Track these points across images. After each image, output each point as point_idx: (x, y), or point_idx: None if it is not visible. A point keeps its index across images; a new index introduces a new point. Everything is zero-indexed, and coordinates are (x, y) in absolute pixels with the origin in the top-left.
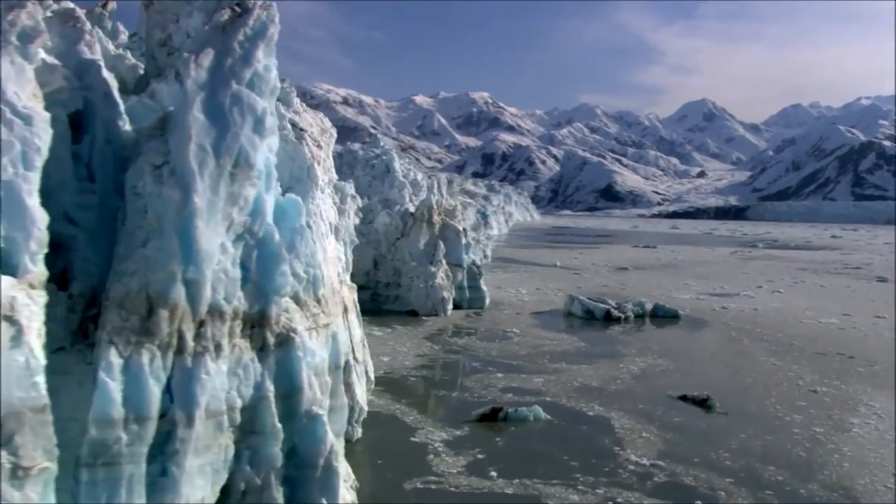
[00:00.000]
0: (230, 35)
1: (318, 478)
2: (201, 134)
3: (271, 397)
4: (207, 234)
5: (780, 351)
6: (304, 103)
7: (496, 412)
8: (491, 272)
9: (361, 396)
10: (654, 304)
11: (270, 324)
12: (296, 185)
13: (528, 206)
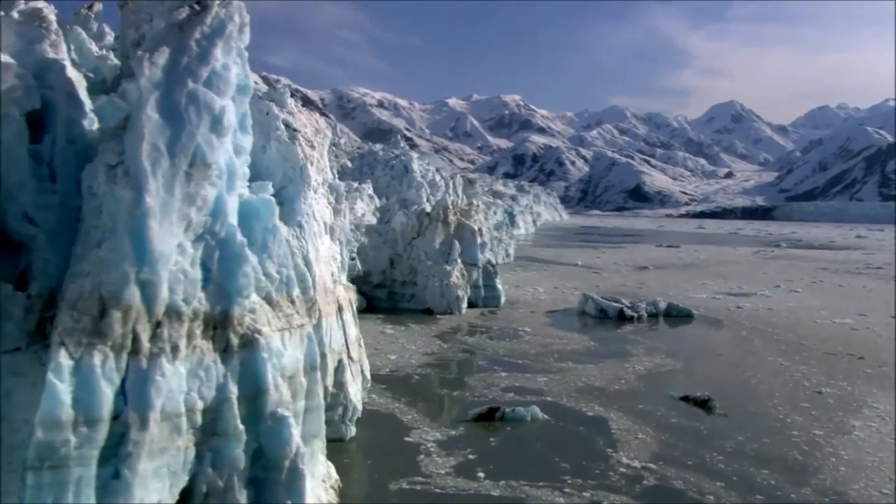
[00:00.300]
0: (187, 33)
1: (284, 480)
2: (155, 133)
3: (234, 399)
4: (162, 235)
5: (790, 351)
6: (300, 105)
7: (493, 412)
8: (512, 271)
9: (355, 396)
10: (668, 304)
11: (233, 325)
12: (289, 185)
13: (557, 206)
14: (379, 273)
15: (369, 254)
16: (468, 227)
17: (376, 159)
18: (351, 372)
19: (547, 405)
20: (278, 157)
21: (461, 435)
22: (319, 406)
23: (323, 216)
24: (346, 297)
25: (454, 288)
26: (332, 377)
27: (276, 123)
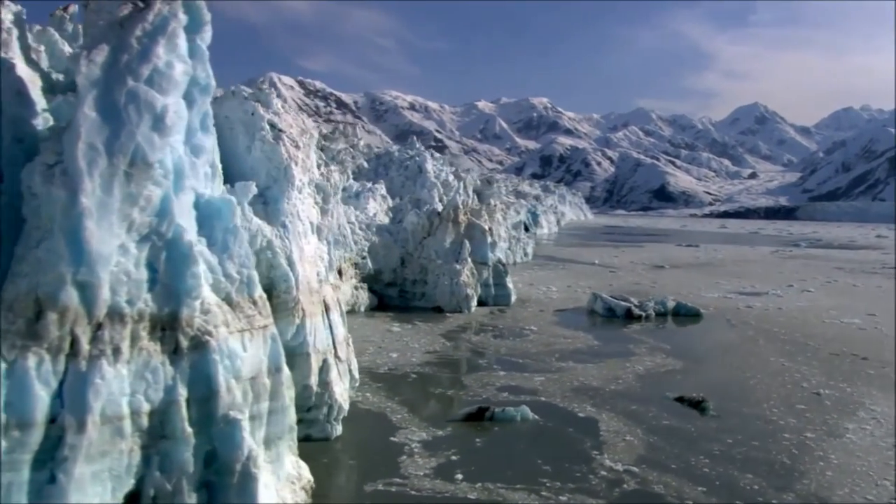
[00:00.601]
0: (128, 30)
1: (236, 483)
2: (92, 132)
3: (183, 401)
4: (100, 235)
5: (794, 351)
6: (286, 103)
7: (483, 412)
8: (528, 269)
9: (341, 395)
10: (677, 303)
11: (182, 326)
12: (273, 185)
13: (582, 205)
14: (390, 272)
15: (380, 253)
16: (478, 227)
17: (392, 160)
18: (338, 371)
19: (540, 405)
20: (263, 158)
21: (448, 435)
22: (285, 407)
23: (309, 216)
24: (334, 296)
25: (464, 286)
26: (317, 377)
27: (261, 124)
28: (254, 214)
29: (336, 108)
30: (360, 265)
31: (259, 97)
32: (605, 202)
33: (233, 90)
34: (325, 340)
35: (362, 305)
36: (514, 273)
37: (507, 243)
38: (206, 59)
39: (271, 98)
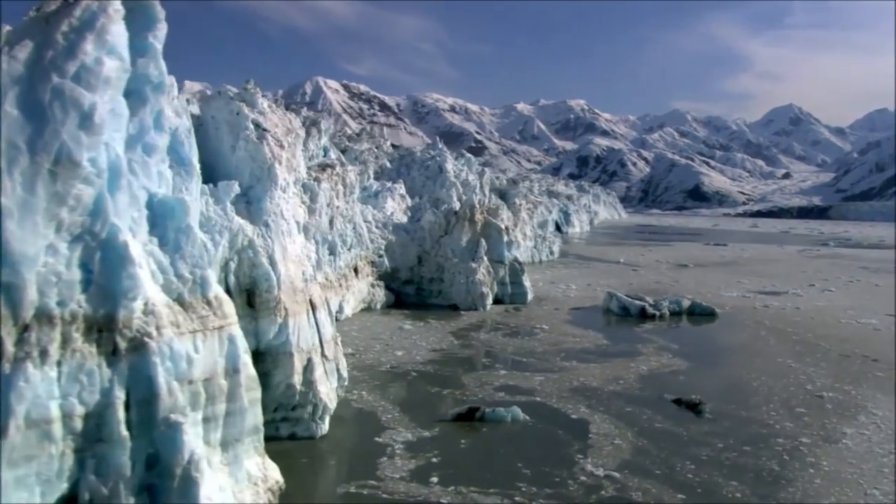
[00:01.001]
0: (53, 26)
1: (177, 487)
2: (13, 130)
3: (119, 404)
4: (22, 235)
5: (803, 352)
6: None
7: (473, 412)
8: (552, 268)
9: (327, 394)
10: (692, 302)
11: (119, 327)
12: (256, 184)
13: (616, 205)
14: (407, 270)
15: (396, 251)
16: (495, 226)
17: (413, 160)
18: (325, 370)
19: (534, 405)
20: (246, 157)
21: (434, 436)
22: (244, 409)
23: (295, 215)
24: (322, 295)
25: (479, 285)
26: (301, 376)
27: (246, 123)
28: (237, 213)
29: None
30: (376, 263)
31: (244, 97)
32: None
33: (219, 91)
34: (311, 339)
35: (378, 303)
36: (537, 271)
37: (533, 242)
38: (160, 57)
39: (256, 98)
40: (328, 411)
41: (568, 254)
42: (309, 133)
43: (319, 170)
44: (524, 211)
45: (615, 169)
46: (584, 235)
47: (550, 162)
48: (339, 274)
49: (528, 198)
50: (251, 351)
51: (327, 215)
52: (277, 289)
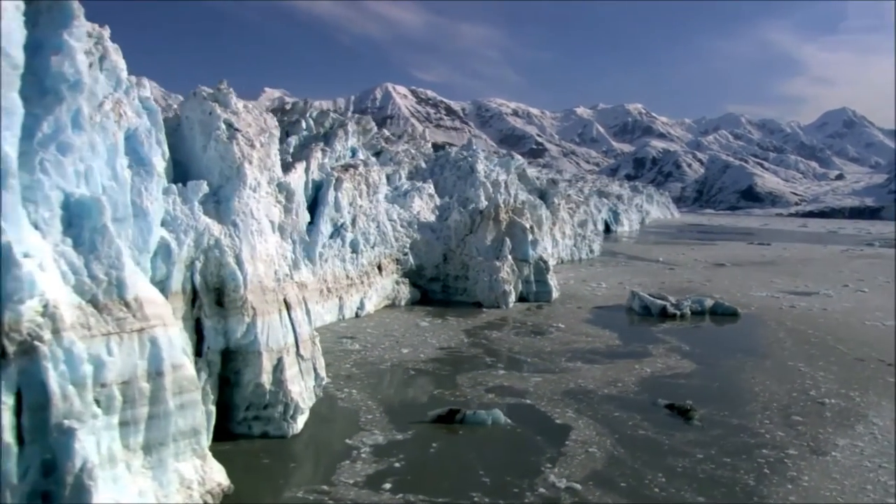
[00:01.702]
0: None
1: (69, 494)
2: None
3: (6, 410)
4: None
5: (817, 355)
6: (239, 104)
7: (453, 414)
8: (589, 266)
9: (300, 394)
10: (715, 302)
11: (6, 331)
12: (226, 183)
13: (669, 205)
14: (432, 267)
15: (422, 249)
16: (519, 225)
17: (448, 160)
18: (300, 370)
19: (521, 408)
20: (216, 157)
21: (406, 439)
22: (168, 412)
23: (269, 215)
24: (299, 295)
25: (502, 283)
26: (271, 375)
27: (218, 123)
28: (206, 213)
29: (445, 115)
30: (401, 261)
31: (217, 97)
32: (695, 202)
33: (194, 92)
34: (283, 339)
35: (403, 299)
36: (574, 269)
37: (573, 240)
38: (76, 56)
39: (230, 98)
40: (300, 411)
41: (610, 252)
42: (335, 134)
43: (342, 170)
44: (563, 210)
45: (670, 170)
46: (633, 234)
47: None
48: (361, 271)
49: (570, 198)
50: (220, 350)
51: (350, 214)
52: (244, 288)
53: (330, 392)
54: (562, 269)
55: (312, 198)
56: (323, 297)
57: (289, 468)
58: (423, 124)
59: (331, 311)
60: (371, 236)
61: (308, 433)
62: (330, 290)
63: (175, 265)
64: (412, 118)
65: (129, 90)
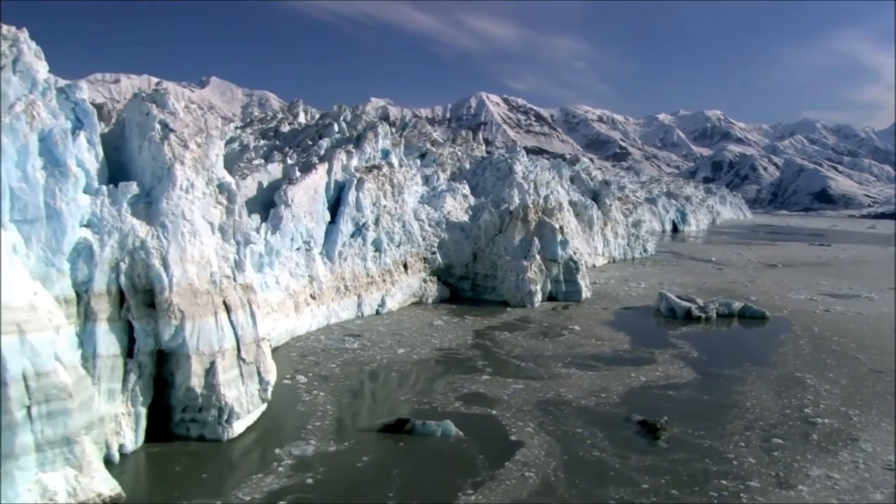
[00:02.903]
0: None
1: None
2: None
3: None
4: None
5: (833, 365)
6: (176, 103)
7: (402, 424)
8: (638, 265)
9: (237, 399)
10: (743, 305)
11: None
12: (157, 184)
13: (742, 206)
14: (462, 266)
15: (450, 248)
16: (548, 225)
17: (490, 162)
18: (240, 374)
19: (481, 420)
20: (149, 157)
21: (338, 451)
22: (13, 423)
23: (206, 216)
24: (243, 297)
25: (528, 283)
26: (202, 379)
27: (153, 124)
28: (136, 215)
29: (535, 121)
30: (429, 260)
31: (155, 98)
32: (770, 203)
33: (135, 93)
34: (217, 342)
35: (430, 297)
36: (621, 268)
37: (626, 240)
38: None
39: (167, 98)
40: (236, 416)
41: (666, 252)
42: (365, 136)
43: (366, 171)
44: (615, 210)
45: (747, 173)
46: (699, 234)
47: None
48: (384, 269)
49: (627, 198)
50: (151, 351)
51: (373, 214)
52: (169, 290)
53: (297, 394)
54: (609, 269)
55: (335, 198)
56: (339, 295)
57: (199, 478)
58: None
59: (348, 309)
60: (396, 235)
61: (245, 439)
62: (348, 287)
63: (97, 266)
64: (504, 124)
65: (45, 91)
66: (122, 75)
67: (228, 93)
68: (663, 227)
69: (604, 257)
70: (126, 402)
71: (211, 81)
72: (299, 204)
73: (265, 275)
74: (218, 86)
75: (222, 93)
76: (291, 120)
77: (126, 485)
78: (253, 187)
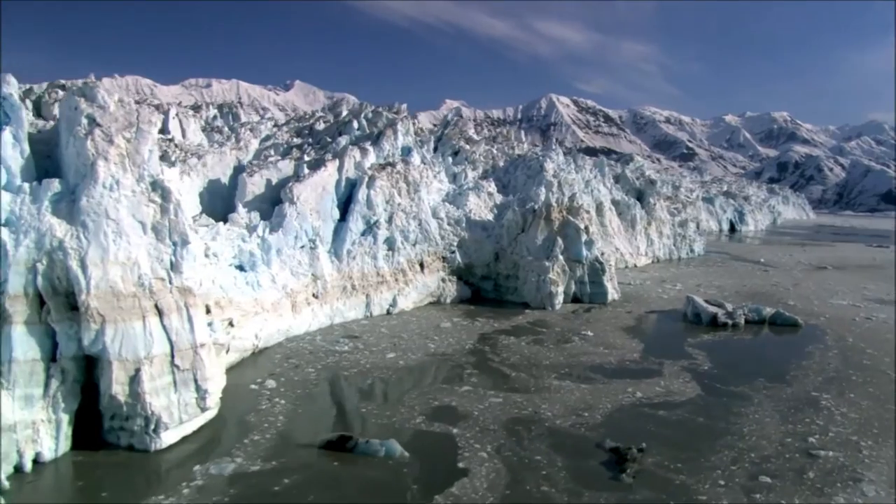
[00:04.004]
0: None
1: None
2: None
3: None
4: None
5: (857, 383)
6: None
7: (345, 441)
8: (682, 266)
9: (166, 407)
10: (775, 311)
11: None
12: (81, 181)
13: (805, 206)
14: (483, 266)
15: (471, 247)
16: (573, 225)
17: (523, 160)
18: (174, 381)
19: (437, 439)
20: (74, 153)
21: (263, 470)
22: None
23: (137, 215)
24: (180, 300)
25: (549, 284)
26: (126, 386)
27: (80, 118)
28: (58, 213)
29: (603, 122)
30: (447, 259)
31: (84, 91)
32: (835, 204)
33: (68, 87)
34: (144, 348)
35: (448, 297)
36: (663, 269)
37: (672, 240)
38: None
39: (97, 91)
40: (164, 426)
41: (716, 252)
42: (383, 134)
43: (379, 168)
44: (660, 210)
45: (812, 174)
46: (758, 234)
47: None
48: (396, 269)
49: (676, 197)
50: (73, 356)
51: (386, 212)
52: (87, 293)
53: (256, 401)
54: (650, 269)
55: (346, 196)
56: (346, 295)
57: (97, 496)
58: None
59: (354, 309)
60: (411, 234)
61: (173, 451)
62: (355, 287)
63: (11, 267)
64: (573, 125)
65: None
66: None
67: (311, 95)
68: (720, 226)
69: (647, 257)
70: (46, 408)
71: (295, 85)
72: (305, 201)
73: (258, 274)
74: (301, 88)
75: (305, 95)
76: (330, 118)
77: (21, 497)
78: (261, 184)
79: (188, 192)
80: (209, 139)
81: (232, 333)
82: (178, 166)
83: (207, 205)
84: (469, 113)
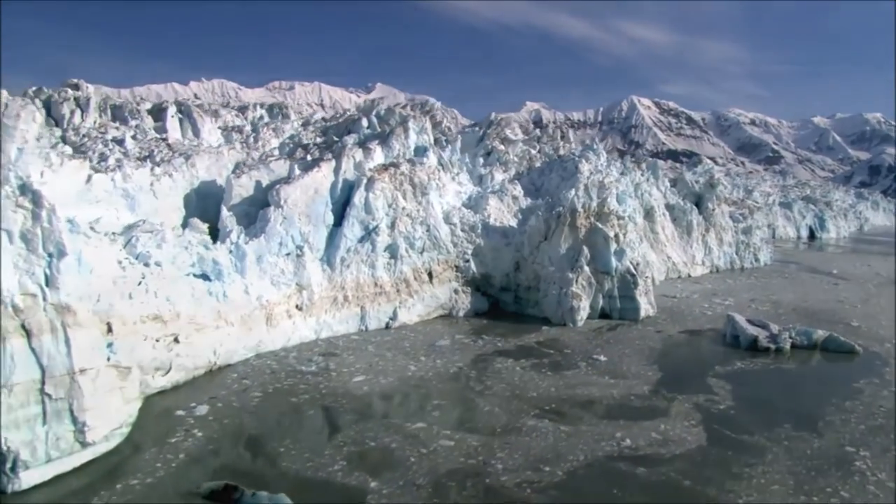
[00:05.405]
0: None
1: None
2: None
3: None
4: None
5: None
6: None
7: (231, 491)
8: (742, 277)
9: (26, 443)
10: (828, 335)
11: None
12: None
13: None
14: (502, 276)
15: (487, 255)
16: (601, 233)
17: (559, 161)
18: (43, 412)
19: (343, 495)
20: None
21: None
22: None
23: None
24: (56, 320)
25: (571, 298)
26: None
27: None
28: None
29: (685, 125)
30: (461, 268)
31: None
32: None
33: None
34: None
35: (461, 310)
36: (718, 280)
37: (733, 248)
38: None
39: None
40: (23, 464)
41: (785, 261)
42: (393, 132)
43: (380, 169)
44: (720, 215)
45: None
46: (840, 241)
47: (843, 171)
48: (399, 279)
49: (743, 202)
50: None
51: (388, 216)
52: None
53: (169, 432)
54: (705, 280)
55: (344, 199)
56: (336, 307)
57: None
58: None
59: (345, 323)
60: (417, 240)
61: (33, 495)
62: (348, 298)
63: None
64: (654, 127)
65: None
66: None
67: (391, 97)
68: (798, 233)
69: (704, 266)
70: None
71: (376, 87)
72: (294, 205)
73: (225, 284)
74: (382, 90)
75: (386, 97)
76: (359, 117)
77: None
78: (249, 186)
79: (167, 194)
80: (227, 139)
81: (176, 350)
82: (161, 167)
83: (196, 208)
84: (549, 115)
